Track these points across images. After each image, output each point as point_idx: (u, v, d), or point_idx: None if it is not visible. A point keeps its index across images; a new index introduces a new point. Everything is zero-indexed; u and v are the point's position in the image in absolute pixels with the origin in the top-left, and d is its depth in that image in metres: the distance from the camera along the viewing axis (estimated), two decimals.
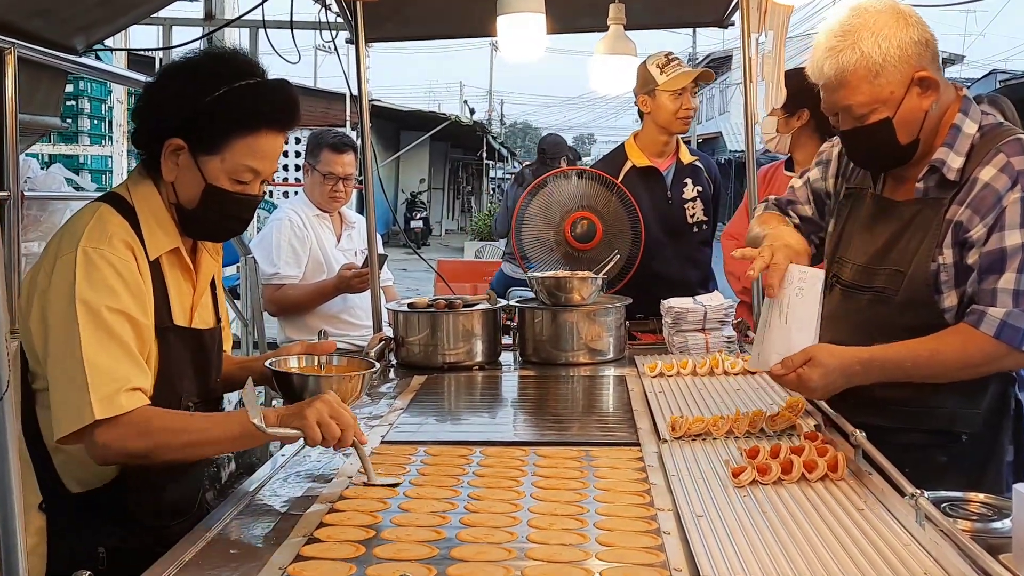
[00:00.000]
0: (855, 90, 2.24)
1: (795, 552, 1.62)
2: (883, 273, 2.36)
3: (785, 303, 2.28)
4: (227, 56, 2.15)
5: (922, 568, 1.54)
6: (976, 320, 2.19)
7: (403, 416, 2.64)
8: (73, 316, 1.89)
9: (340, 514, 1.85)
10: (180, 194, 2.10)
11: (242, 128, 2.06)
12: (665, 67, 4.00)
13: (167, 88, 2.12)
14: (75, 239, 1.96)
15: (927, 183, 2.30)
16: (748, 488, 1.96)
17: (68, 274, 1.93)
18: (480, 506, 1.89)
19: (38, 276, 1.99)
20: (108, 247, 1.97)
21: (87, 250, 1.94)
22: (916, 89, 2.24)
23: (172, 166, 2.08)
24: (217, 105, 2.04)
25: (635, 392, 2.85)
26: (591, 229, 3.87)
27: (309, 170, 4.88)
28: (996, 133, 2.28)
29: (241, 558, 1.66)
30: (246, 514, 1.88)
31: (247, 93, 2.07)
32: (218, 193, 2.09)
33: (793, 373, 2.20)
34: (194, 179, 2.08)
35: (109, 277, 1.94)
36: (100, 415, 1.85)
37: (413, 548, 1.67)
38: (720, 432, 2.33)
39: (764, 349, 2.31)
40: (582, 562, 1.61)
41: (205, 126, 2.05)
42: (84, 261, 1.93)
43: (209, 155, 2.07)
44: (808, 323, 2.26)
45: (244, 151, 2.07)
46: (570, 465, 2.15)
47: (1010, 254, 2.17)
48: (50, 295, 1.94)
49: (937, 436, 2.34)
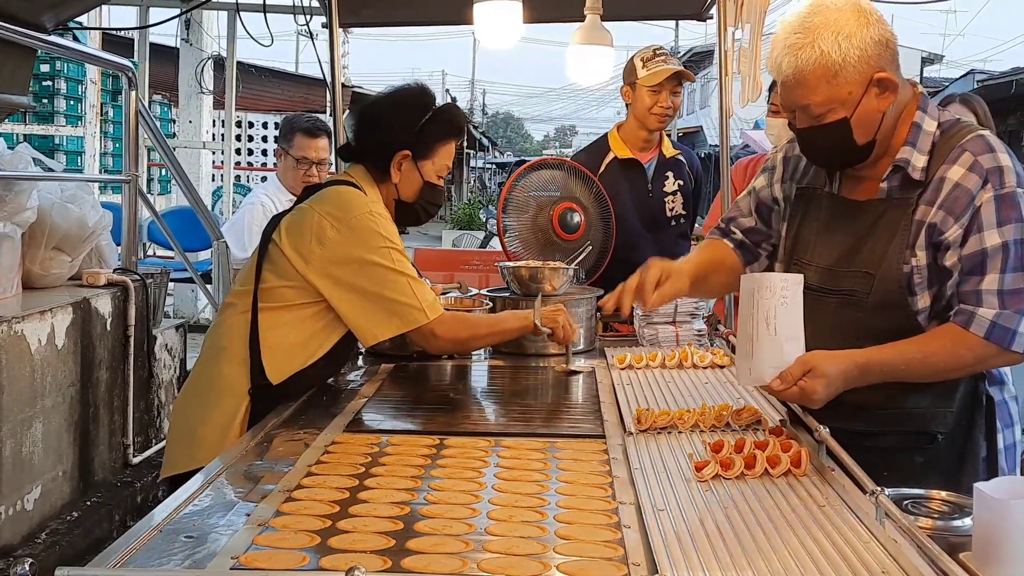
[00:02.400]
0: (812, 89, 2.21)
1: (753, 548, 1.61)
2: (851, 276, 2.34)
3: (772, 314, 2.17)
4: (421, 89, 2.97)
5: (880, 566, 1.53)
6: (965, 321, 2.18)
7: (368, 405, 2.61)
8: (388, 254, 2.70)
9: (297, 503, 1.83)
10: (402, 191, 2.90)
11: (446, 137, 2.91)
12: (648, 62, 3.98)
13: (392, 115, 2.88)
14: (362, 206, 2.74)
15: (891, 182, 2.29)
16: (710, 482, 1.95)
17: (369, 225, 2.70)
18: (440, 497, 1.87)
19: (324, 226, 2.71)
20: (383, 211, 2.80)
21: (374, 213, 2.74)
22: (875, 90, 2.22)
23: (398, 171, 2.87)
24: (430, 124, 2.87)
25: (603, 384, 2.84)
26: (577, 220, 3.84)
27: (282, 154, 4.84)
28: (956, 130, 2.27)
29: (193, 545, 1.63)
30: (201, 502, 1.85)
31: (445, 113, 2.92)
32: (430, 187, 2.92)
33: (795, 387, 2.15)
34: (415, 179, 2.90)
35: (394, 231, 2.77)
36: (432, 316, 2.72)
37: (370, 538, 1.65)
38: (686, 426, 2.32)
39: (756, 364, 2.19)
40: (539, 555, 1.60)
41: (424, 139, 2.87)
42: (378, 218, 2.73)
43: (424, 159, 2.88)
44: (797, 332, 2.19)
45: (446, 154, 2.93)
46: (534, 457, 2.14)
47: (991, 255, 2.16)
48: (356, 242, 2.69)
49: (913, 437, 2.33)
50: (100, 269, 4.27)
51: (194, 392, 2.86)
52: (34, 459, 3.45)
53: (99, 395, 4.01)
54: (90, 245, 4.17)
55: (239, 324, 2.75)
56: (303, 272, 2.70)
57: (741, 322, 2.26)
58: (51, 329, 3.58)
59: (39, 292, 3.92)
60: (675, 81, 3.98)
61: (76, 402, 3.80)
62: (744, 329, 2.23)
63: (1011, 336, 2.16)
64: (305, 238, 2.72)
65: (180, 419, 2.92)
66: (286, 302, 2.74)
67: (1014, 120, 17.82)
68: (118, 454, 4.22)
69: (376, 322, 2.70)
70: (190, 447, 2.73)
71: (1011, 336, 2.16)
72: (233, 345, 2.74)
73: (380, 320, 2.70)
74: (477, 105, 62.74)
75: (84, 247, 4.11)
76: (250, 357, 2.72)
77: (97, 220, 4.12)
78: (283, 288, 2.73)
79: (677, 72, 3.98)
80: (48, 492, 3.59)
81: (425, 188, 2.91)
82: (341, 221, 2.70)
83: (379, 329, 2.71)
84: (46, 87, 12.21)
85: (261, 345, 2.71)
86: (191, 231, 7.37)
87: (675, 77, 3.98)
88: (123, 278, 4.27)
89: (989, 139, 2.23)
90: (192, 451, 2.69)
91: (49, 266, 3.97)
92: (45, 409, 3.55)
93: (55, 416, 3.62)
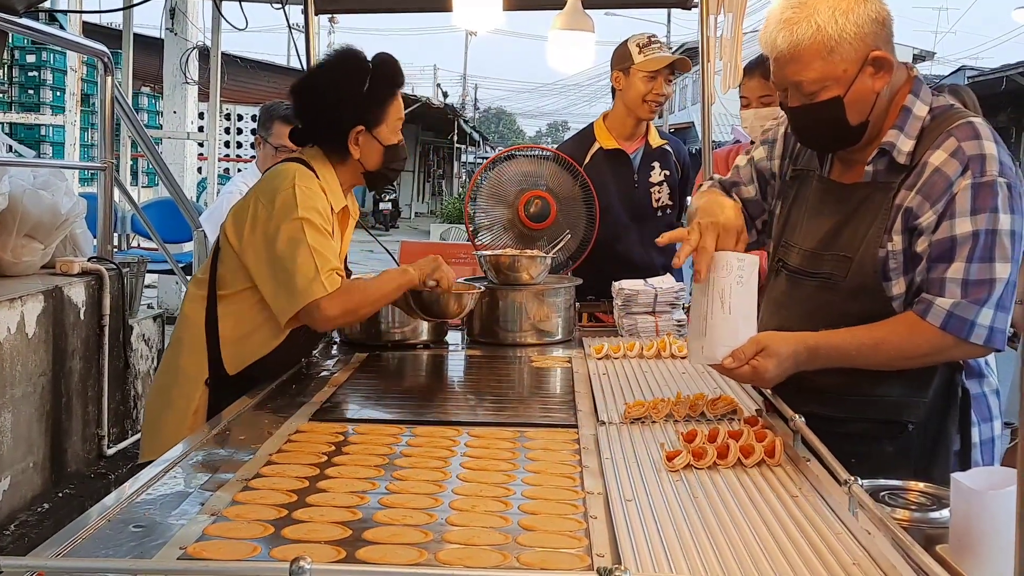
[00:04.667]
0: (807, 65, 2.16)
1: (722, 539, 1.56)
2: (830, 259, 2.29)
3: (728, 293, 2.15)
4: (352, 55, 2.84)
5: (852, 558, 1.48)
6: (923, 310, 2.13)
7: (337, 394, 2.56)
8: (300, 227, 2.61)
9: (254, 492, 1.77)
10: (367, 163, 2.85)
11: (392, 94, 2.83)
12: (644, 47, 3.92)
13: (334, 93, 2.80)
14: (287, 180, 2.67)
15: (876, 166, 2.24)
16: (682, 472, 1.90)
17: (290, 200, 2.63)
18: (402, 487, 1.81)
19: (257, 208, 2.66)
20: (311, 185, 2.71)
21: (300, 186, 2.66)
22: (869, 69, 2.17)
23: (356, 147, 2.81)
24: (372, 88, 2.79)
25: (580, 374, 2.78)
26: (545, 209, 3.79)
27: (261, 143, 4.78)
28: (947, 116, 2.22)
29: (142, 536, 1.57)
30: (155, 491, 1.79)
31: (381, 71, 2.82)
32: (392, 149, 2.86)
33: (747, 365, 2.12)
34: (375, 147, 2.83)
35: (313, 204, 2.67)
36: (330, 288, 2.60)
37: (325, 528, 1.59)
38: (660, 415, 2.27)
39: (708, 343, 2.17)
40: (501, 546, 1.54)
41: (372, 106, 2.80)
42: (300, 193, 2.65)
43: (378, 126, 2.81)
44: (750, 312, 2.17)
45: (396, 109, 2.85)
46: (502, 446, 2.08)
47: (960, 243, 2.11)
48: (275, 217, 2.62)
49: (883, 426, 2.27)
50: (74, 257, 4.20)
51: (159, 382, 2.91)
52: (2, 449, 3.38)
53: (72, 385, 3.94)
54: (63, 233, 4.10)
55: (194, 313, 2.76)
56: (239, 252, 2.70)
57: (694, 301, 2.25)
58: (21, 317, 3.51)
59: (10, 280, 3.85)
60: (669, 69, 3.92)
61: (47, 392, 3.73)
62: (697, 308, 2.21)
63: (968, 327, 2.11)
64: (242, 220, 2.71)
65: (148, 409, 2.96)
66: (232, 288, 2.73)
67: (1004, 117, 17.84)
68: (92, 445, 4.15)
69: (280, 297, 2.65)
70: (155, 437, 2.73)
71: (968, 327, 2.11)
72: (189, 335, 2.76)
73: (282, 295, 2.64)
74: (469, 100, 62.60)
75: (57, 235, 4.05)
76: (208, 346, 2.71)
77: (71, 207, 4.05)
78: (227, 273, 2.73)
79: (681, 61, 3.93)
80: (18, 483, 3.53)
81: (388, 152, 2.86)
82: (267, 197, 2.68)
83: (285, 304, 2.64)
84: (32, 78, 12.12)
85: (219, 335, 2.71)
86: (175, 222, 7.28)
87: (672, 65, 3.92)
88: (98, 267, 4.20)
89: (978, 126, 2.17)
90: (156, 441, 2.68)
91: (20, 253, 3.90)
92: (15, 399, 3.48)
93: (25, 406, 3.55)
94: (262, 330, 2.72)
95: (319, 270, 2.60)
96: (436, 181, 40.77)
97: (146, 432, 2.89)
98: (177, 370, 2.76)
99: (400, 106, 2.88)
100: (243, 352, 2.71)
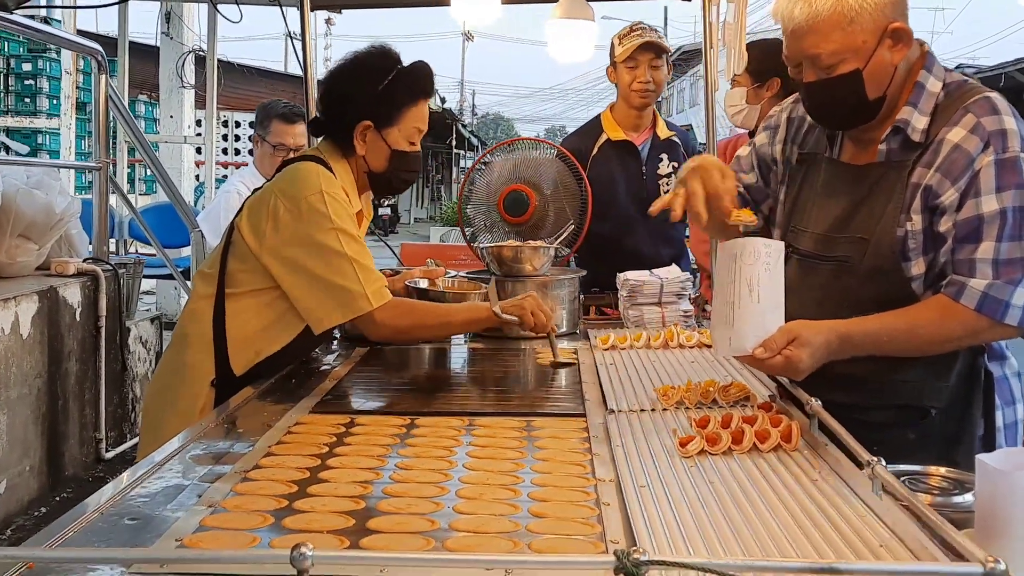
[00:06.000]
0: (826, 37, 2.09)
1: (741, 523, 1.49)
2: (845, 241, 2.22)
3: (756, 281, 2.03)
4: (379, 50, 2.74)
5: (878, 540, 1.42)
6: (956, 292, 2.06)
7: (338, 386, 2.49)
8: (336, 237, 2.54)
9: (253, 483, 1.70)
10: (371, 162, 2.74)
11: (412, 100, 2.71)
12: (624, 37, 3.88)
13: (350, 83, 2.71)
14: (314, 185, 2.58)
15: (890, 144, 2.17)
16: (696, 458, 1.83)
17: (321, 207, 2.55)
18: (407, 475, 1.75)
19: (279, 209, 2.57)
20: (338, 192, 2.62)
21: (327, 193, 2.57)
22: (888, 41, 2.10)
23: (362, 143, 2.70)
24: (392, 88, 2.68)
25: (585, 365, 2.72)
26: (521, 200, 3.69)
27: (259, 141, 4.73)
28: (962, 91, 2.15)
29: (137, 528, 1.51)
30: (150, 484, 1.73)
31: (407, 74, 2.72)
32: (400, 155, 2.73)
33: (778, 355, 2.01)
34: (381, 148, 2.72)
35: (346, 213, 2.60)
36: (376, 304, 2.55)
37: (327, 518, 1.53)
38: (670, 402, 2.21)
39: (736, 333, 2.05)
40: (511, 533, 1.48)
41: (386, 106, 2.68)
42: (330, 199, 2.56)
43: (389, 127, 2.70)
44: (779, 300, 2.05)
45: (414, 118, 2.73)
46: (509, 435, 2.02)
47: (987, 221, 2.04)
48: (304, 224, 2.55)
49: (905, 412, 2.21)
50: (69, 258, 4.15)
51: (160, 381, 2.81)
52: None
53: (68, 387, 3.88)
54: (58, 233, 4.05)
55: (202, 309, 2.66)
56: (257, 253, 2.60)
57: (718, 290, 2.14)
58: (15, 318, 3.46)
59: (4, 281, 3.80)
60: (651, 54, 3.85)
61: (43, 394, 3.68)
62: (723, 297, 2.10)
63: (1003, 308, 2.05)
64: (261, 219, 2.61)
65: (148, 409, 2.85)
66: (245, 287, 2.63)
67: None
68: (90, 448, 4.10)
69: (322, 308, 2.58)
70: (156, 437, 2.63)
71: (1003, 308, 2.05)
72: (196, 331, 2.66)
73: (326, 306, 2.57)
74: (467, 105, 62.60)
75: (51, 235, 4.00)
76: (215, 345, 2.62)
77: (65, 207, 4.00)
78: (241, 272, 2.63)
79: (650, 43, 3.84)
80: (14, 487, 3.47)
81: (394, 157, 2.74)
82: (293, 201, 2.58)
83: (325, 315, 2.59)
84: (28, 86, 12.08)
85: (227, 333, 2.62)
86: (173, 227, 7.22)
87: (649, 49, 3.85)
88: (93, 267, 4.15)
89: (996, 101, 2.11)
90: (157, 443, 2.59)
91: (15, 254, 3.85)
92: (10, 401, 3.43)
93: (21, 408, 3.50)
94: (272, 328, 2.64)
95: (364, 281, 2.55)
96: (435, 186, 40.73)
97: (146, 433, 2.78)
98: (182, 368, 2.65)
99: (422, 116, 2.76)
100: (251, 351, 2.62)
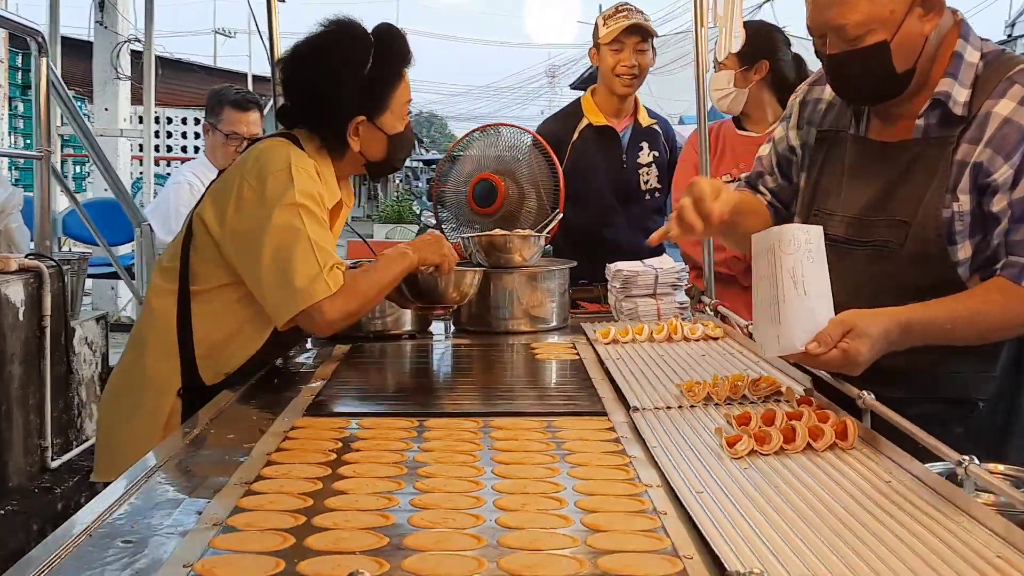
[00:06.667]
0: (852, 7, 1.94)
1: (829, 534, 1.32)
2: (883, 224, 2.06)
3: (799, 271, 1.85)
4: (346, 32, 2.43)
5: (992, 550, 1.25)
6: (1016, 274, 1.91)
7: (328, 387, 2.28)
8: (297, 213, 2.25)
9: (260, 497, 1.49)
10: (368, 155, 2.50)
11: (398, 76, 2.48)
12: (609, 18, 3.71)
13: (323, 83, 2.41)
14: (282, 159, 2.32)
15: (928, 120, 2.02)
16: (747, 459, 1.67)
17: (285, 181, 2.28)
18: (433, 484, 1.55)
19: (243, 187, 2.31)
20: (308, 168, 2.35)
21: (297, 167, 2.31)
22: (918, 10, 1.96)
23: (356, 138, 2.44)
24: (375, 72, 2.41)
25: (588, 359, 2.54)
26: (491, 192, 3.50)
27: (210, 130, 4.48)
28: (1002, 61, 2.02)
29: (133, 551, 1.29)
30: (137, 500, 1.51)
31: (385, 51, 2.44)
32: (397, 138, 2.50)
33: (834, 349, 1.82)
34: (378, 138, 2.47)
35: (314, 187, 2.33)
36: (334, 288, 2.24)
37: (355, 537, 1.33)
38: (697, 398, 2.04)
39: (785, 330, 1.86)
40: (572, 549, 1.29)
41: (375, 92, 2.43)
42: (297, 175, 2.29)
43: (382, 114, 2.45)
44: (826, 290, 1.87)
45: (402, 92, 2.49)
46: (533, 437, 1.83)
47: None
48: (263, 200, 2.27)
49: (951, 406, 2.06)
50: (10, 254, 3.85)
51: (118, 388, 2.52)
52: None
53: (12, 392, 3.59)
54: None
55: (163, 309, 2.39)
56: (218, 239, 2.34)
57: (757, 285, 1.95)
58: None
59: None
60: (637, 37, 3.70)
61: None
62: (764, 293, 1.91)
63: None
64: (226, 200, 2.35)
65: (104, 419, 2.59)
66: (211, 283, 2.37)
67: None
68: (35, 457, 3.80)
69: (277, 302, 2.28)
70: (113, 452, 2.39)
71: None
72: (156, 336, 2.40)
73: (280, 300, 2.27)
74: None
75: None
76: (181, 352, 2.36)
77: (5, 199, 3.72)
78: (203, 265, 2.38)
79: (637, 26, 3.68)
80: None
81: (393, 142, 2.50)
82: (258, 178, 2.31)
83: (279, 311, 2.28)
84: None
85: (194, 338, 2.36)
86: (111, 223, 6.89)
87: (636, 32, 3.69)
88: (37, 263, 3.85)
89: None
90: (115, 457, 2.34)
91: None
92: None
93: None
94: (243, 331, 2.38)
95: (321, 267, 2.24)
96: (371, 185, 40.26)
97: (102, 447, 2.52)
98: (141, 377, 2.39)
99: (407, 87, 2.51)
100: (222, 359, 2.37)
